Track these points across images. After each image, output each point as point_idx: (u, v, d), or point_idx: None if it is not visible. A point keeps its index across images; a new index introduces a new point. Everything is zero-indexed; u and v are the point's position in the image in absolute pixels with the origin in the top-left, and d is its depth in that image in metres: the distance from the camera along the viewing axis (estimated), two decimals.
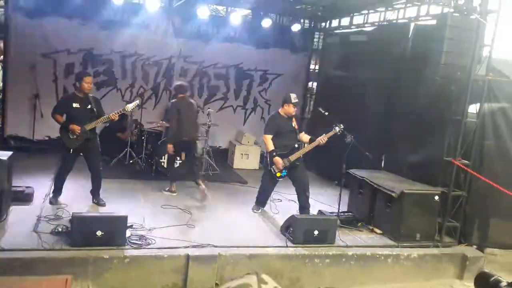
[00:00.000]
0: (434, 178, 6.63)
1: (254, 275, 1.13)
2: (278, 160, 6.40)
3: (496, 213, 6.62)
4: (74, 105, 6.17)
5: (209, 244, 5.44)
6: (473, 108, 6.43)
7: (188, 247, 5.32)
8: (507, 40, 7.08)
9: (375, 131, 7.93)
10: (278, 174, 6.49)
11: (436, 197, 6.31)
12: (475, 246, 6.59)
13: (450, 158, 6.39)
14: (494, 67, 6.37)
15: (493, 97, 6.37)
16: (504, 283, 1.83)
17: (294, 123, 6.61)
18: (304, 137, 6.68)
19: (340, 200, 6.53)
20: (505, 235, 6.62)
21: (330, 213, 6.69)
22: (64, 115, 6.23)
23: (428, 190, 6.42)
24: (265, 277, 1.12)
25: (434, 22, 7.03)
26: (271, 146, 6.48)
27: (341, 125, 6.35)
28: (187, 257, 5.13)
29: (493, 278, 1.85)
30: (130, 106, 6.39)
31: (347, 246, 5.96)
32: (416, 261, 6.10)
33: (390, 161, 7.69)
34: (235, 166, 9.81)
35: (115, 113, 6.21)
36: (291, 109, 6.55)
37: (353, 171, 7.00)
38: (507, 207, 6.44)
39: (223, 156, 10.21)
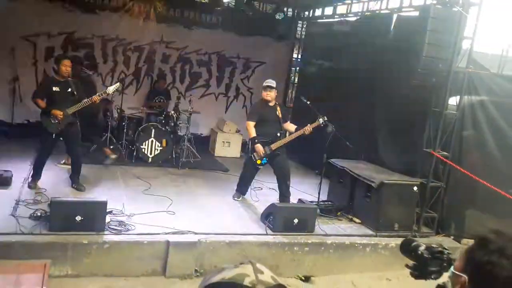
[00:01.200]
0: (413, 169, 6.73)
1: (249, 264, 1.13)
2: (259, 147, 6.40)
3: (473, 204, 6.74)
4: (54, 88, 6.09)
5: (189, 231, 5.44)
6: (453, 101, 6.52)
7: (168, 233, 5.32)
8: (487, 33, 7.19)
9: (357, 121, 7.98)
10: (259, 162, 6.50)
11: (415, 188, 6.40)
12: (452, 237, 6.72)
13: (429, 150, 6.48)
14: (475, 60, 6.46)
15: (473, 89, 6.46)
16: (422, 247, 1.99)
17: (278, 112, 6.61)
18: (290, 126, 6.70)
19: (320, 189, 6.59)
20: (481, 226, 6.74)
21: (310, 202, 6.75)
22: (45, 99, 6.14)
23: (407, 181, 6.51)
24: (260, 266, 1.13)
25: (416, 13, 7.09)
26: (253, 133, 6.49)
27: (325, 117, 6.37)
28: (167, 243, 5.13)
29: (414, 243, 2.02)
30: (111, 89, 6.34)
31: (326, 235, 6.03)
32: (393, 250, 6.18)
33: (370, 151, 7.76)
34: (216, 154, 9.80)
35: (97, 96, 6.14)
36: (266, 94, 6.55)
37: (333, 160, 7.05)
38: (483, 199, 6.57)
39: (204, 143, 10.18)
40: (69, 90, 6.14)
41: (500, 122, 6.51)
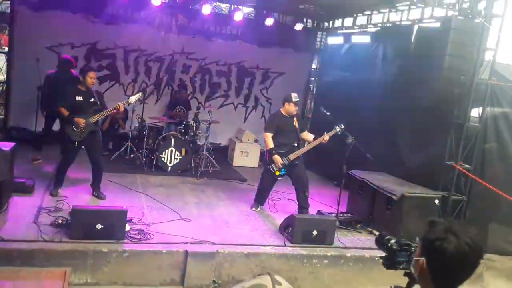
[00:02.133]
0: (434, 181, 6.62)
1: (267, 276, 1.15)
2: (277, 158, 6.40)
3: (496, 218, 6.61)
4: (78, 98, 6.20)
5: (207, 241, 5.44)
6: (475, 112, 6.43)
7: (186, 243, 5.33)
8: (510, 45, 7.08)
9: (377, 133, 7.92)
10: (277, 173, 6.49)
11: (437, 201, 6.29)
12: None
13: (451, 162, 6.39)
14: (497, 71, 6.37)
15: (496, 101, 6.37)
16: (393, 240, 2.19)
17: (295, 122, 6.61)
18: (308, 136, 6.69)
19: (339, 200, 6.53)
20: (504, 241, 6.61)
21: (329, 213, 6.69)
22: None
23: (428, 194, 6.41)
24: (278, 278, 1.14)
25: (438, 24, 7.03)
26: (270, 144, 6.49)
27: (342, 125, 6.35)
28: (186, 253, 5.14)
29: (386, 237, 2.24)
30: (133, 98, 6.46)
31: (345, 248, 5.96)
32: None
33: (391, 163, 7.68)
34: (234, 164, 9.82)
35: (120, 105, 6.25)
36: (292, 108, 6.55)
37: (353, 172, 7.00)
38: (506, 213, 6.45)
39: (223, 153, 10.22)
40: (92, 100, 6.25)
41: None
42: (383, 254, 2.21)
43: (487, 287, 6.26)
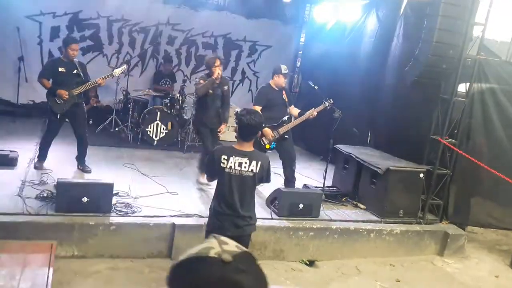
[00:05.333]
0: (419, 155, 6.69)
1: (214, 239, 1.16)
2: (268, 131, 6.37)
3: (479, 192, 6.74)
4: (60, 69, 6.06)
5: (195, 214, 5.45)
6: (462, 88, 6.46)
7: (174, 216, 5.34)
8: (498, 20, 7.07)
9: (363, 107, 7.93)
10: (267, 146, 6.47)
11: (421, 175, 6.37)
12: (456, 224, 6.71)
13: (437, 137, 6.44)
14: (486, 46, 6.38)
15: (483, 77, 6.39)
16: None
17: (284, 96, 6.57)
18: (294, 110, 6.66)
19: (325, 174, 6.56)
20: (486, 215, 6.76)
21: (316, 187, 6.74)
22: (50, 80, 6.12)
23: (413, 168, 6.48)
24: (224, 239, 1.16)
25: None
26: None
27: (331, 99, 6.33)
28: (173, 225, 5.15)
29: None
30: (117, 71, 6.35)
31: (331, 220, 6.04)
32: (398, 236, 6.21)
33: (377, 137, 7.72)
34: (221, 138, 9.73)
35: (103, 78, 6.13)
36: (281, 80, 6.49)
37: (339, 146, 7.02)
38: (489, 187, 6.57)
39: None
40: (75, 71, 6.12)
41: (509, 109, 6.47)
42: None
43: (469, 258, 6.44)
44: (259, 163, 3.76)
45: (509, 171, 6.23)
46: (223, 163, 3.71)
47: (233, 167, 3.71)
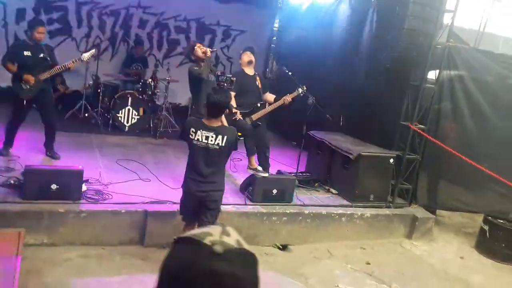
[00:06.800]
0: (390, 141, 6.80)
1: (219, 226, 1.14)
2: (236, 112, 6.33)
3: (446, 177, 6.91)
4: (26, 53, 5.86)
5: (167, 201, 5.42)
6: (432, 74, 6.56)
7: (146, 203, 5.29)
8: (467, 7, 7.18)
9: (336, 93, 7.98)
10: (239, 134, 6.44)
11: (391, 160, 6.50)
12: (425, 208, 6.87)
13: (406, 123, 6.55)
14: (455, 33, 6.47)
15: (453, 64, 6.50)
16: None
17: (258, 82, 6.54)
18: (269, 96, 6.65)
19: (299, 160, 6.61)
20: (452, 199, 6.94)
21: (289, 173, 6.78)
22: (16, 64, 5.92)
23: (383, 153, 6.60)
24: (229, 229, 1.14)
25: None
26: (233, 104, 6.41)
27: (304, 86, 6.34)
28: (145, 212, 5.10)
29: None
30: (86, 55, 6.18)
31: (304, 205, 6.11)
32: (368, 220, 6.33)
33: (349, 123, 7.80)
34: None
35: (71, 62, 5.96)
36: (245, 57, 6.49)
37: (312, 132, 7.07)
38: (457, 172, 6.73)
39: (183, 113, 10.02)
40: (42, 55, 5.93)
41: (477, 96, 6.61)
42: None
43: (436, 241, 6.63)
44: (225, 137, 4.15)
45: (476, 156, 6.40)
46: (191, 135, 4.18)
47: (200, 140, 4.16)
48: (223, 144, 4.15)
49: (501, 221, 6.35)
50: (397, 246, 6.36)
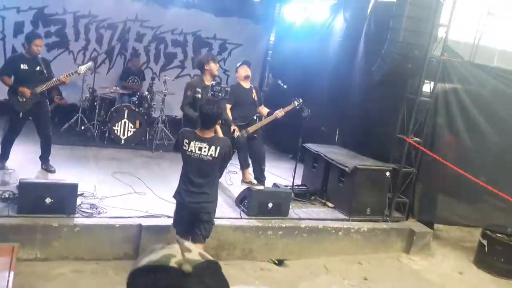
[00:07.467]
0: (386, 154, 6.79)
1: (177, 244, 1.13)
2: (234, 129, 6.34)
3: (443, 190, 6.88)
4: (22, 66, 5.87)
5: (162, 214, 5.38)
6: (427, 87, 6.58)
7: (141, 217, 5.25)
8: (462, 22, 7.23)
9: (331, 106, 7.99)
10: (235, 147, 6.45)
11: (388, 173, 6.47)
12: (422, 222, 6.82)
13: (402, 136, 6.54)
14: (450, 47, 6.51)
15: (447, 77, 6.53)
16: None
17: (254, 95, 6.56)
18: (263, 110, 6.67)
19: (295, 173, 6.58)
20: (450, 212, 6.90)
21: (285, 186, 6.76)
22: (12, 77, 5.93)
23: (380, 166, 6.56)
24: (188, 244, 1.13)
25: None
26: (229, 116, 6.42)
27: (300, 99, 6.35)
28: (140, 226, 5.06)
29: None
30: (83, 68, 6.19)
31: (300, 219, 6.06)
32: (365, 234, 6.28)
33: (345, 136, 7.80)
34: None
35: (67, 75, 5.97)
36: (241, 71, 6.53)
37: (308, 145, 7.06)
38: (454, 185, 6.71)
39: (179, 126, 9.99)
40: (38, 68, 5.94)
41: (471, 110, 6.63)
42: None
43: (434, 256, 6.58)
44: (218, 148, 4.17)
45: (473, 170, 6.38)
46: (185, 146, 4.22)
47: (193, 151, 4.18)
48: (216, 155, 4.17)
49: (500, 235, 6.25)
50: (395, 260, 6.31)
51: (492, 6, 7.26)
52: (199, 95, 5.93)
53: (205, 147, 4.16)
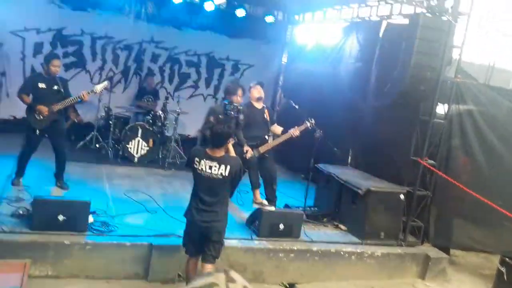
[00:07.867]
0: (400, 176, 6.68)
1: (222, 273, 1.10)
2: (247, 150, 6.35)
3: (459, 214, 6.69)
4: (40, 85, 6.01)
5: (173, 234, 5.36)
6: (441, 109, 6.52)
7: (151, 236, 5.24)
8: (474, 43, 7.21)
9: (344, 127, 7.97)
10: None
11: (402, 196, 6.30)
12: (437, 247, 6.65)
13: (416, 158, 6.46)
14: (463, 69, 6.47)
15: (461, 99, 6.46)
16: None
17: (266, 115, 6.58)
18: (277, 128, 6.68)
19: (306, 194, 6.54)
20: (467, 237, 6.71)
21: (296, 207, 6.70)
22: (31, 95, 6.06)
23: (393, 189, 6.44)
24: (234, 274, 1.09)
25: (406, 21, 7.09)
26: (242, 138, 6.43)
27: (312, 119, 6.35)
28: (150, 246, 5.05)
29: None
30: (99, 87, 6.30)
31: (312, 241, 5.97)
32: (379, 259, 6.14)
33: (358, 157, 7.75)
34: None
35: (85, 94, 6.07)
36: (254, 92, 6.65)
37: (320, 166, 7.02)
38: (470, 209, 6.52)
39: (191, 145, 10.05)
40: (56, 87, 6.07)
41: (487, 132, 6.54)
42: None
43: (450, 282, 6.40)
44: (228, 166, 4.20)
45: (490, 193, 6.22)
46: (196, 164, 4.25)
47: (204, 170, 4.21)
48: (226, 174, 4.18)
49: None
50: (410, 287, 6.12)
51: (507, 28, 7.24)
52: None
53: (215, 166, 4.18)
